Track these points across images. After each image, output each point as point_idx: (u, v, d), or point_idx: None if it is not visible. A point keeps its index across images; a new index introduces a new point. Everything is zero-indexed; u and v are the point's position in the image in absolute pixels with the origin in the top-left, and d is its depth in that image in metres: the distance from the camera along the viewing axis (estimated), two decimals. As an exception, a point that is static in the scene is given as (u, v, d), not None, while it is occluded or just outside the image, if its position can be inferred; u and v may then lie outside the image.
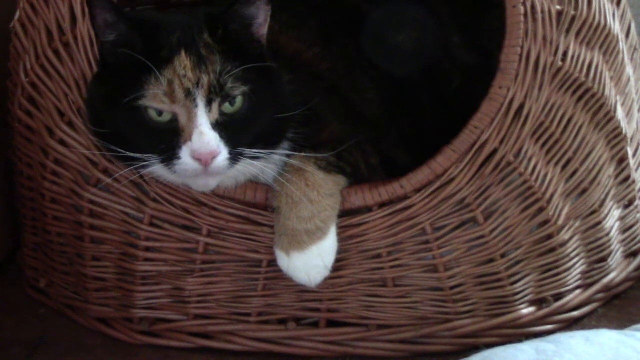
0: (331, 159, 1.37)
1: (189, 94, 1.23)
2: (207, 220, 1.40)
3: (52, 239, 1.53)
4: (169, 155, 1.25)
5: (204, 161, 1.23)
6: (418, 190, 1.38)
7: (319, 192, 1.33)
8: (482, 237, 1.41)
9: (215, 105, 1.25)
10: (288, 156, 1.36)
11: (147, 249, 1.44)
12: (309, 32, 1.56)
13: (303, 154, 1.35)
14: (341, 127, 1.45)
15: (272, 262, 1.40)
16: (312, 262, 1.35)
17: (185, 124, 1.24)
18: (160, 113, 1.24)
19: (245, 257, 1.42)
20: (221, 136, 1.24)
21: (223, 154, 1.24)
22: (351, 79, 1.55)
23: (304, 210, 1.33)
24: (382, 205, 1.39)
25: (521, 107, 1.37)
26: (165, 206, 1.40)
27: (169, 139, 1.25)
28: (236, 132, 1.26)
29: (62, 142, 1.43)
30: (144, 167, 1.28)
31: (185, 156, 1.24)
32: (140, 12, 1.77)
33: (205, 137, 1.23)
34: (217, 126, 1.25)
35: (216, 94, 1.24)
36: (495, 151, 1.37)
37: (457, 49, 1.64)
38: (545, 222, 1.44)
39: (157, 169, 1.28)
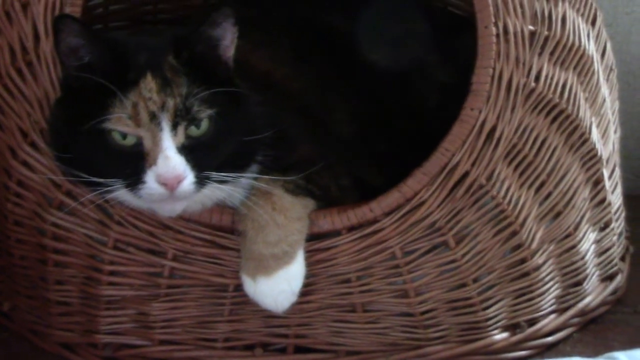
0: (300, 182, 1.34)
1: (154, 117, 1.20)
2: (172, 244, 1.37)
3: (15, 261, 1.50)
4: (134, 179, 1.21)
5: (170, 186, 1.20)
6: (388, 214, 1.35)
7: (286, 215, 1.30)
8: (453, 261, 1.38)
9: (180, 129, 1.21)
10: (256, 179, 1.32)
11: (111, 273, 1.40)
12: (280, 51, 1.53)
13: (270, 177, 1.32)
14: (311, 148, 1.42)
15: (239, 287, 1.37)
16: (279, 287, 1.31)
17: (150, 148, 1.21)
18: (124, 136, 1.21)
19: (211, 282, 1.38)
20: (187, 160, 1.21)
21: (189, 178, 1.21)
22: (323, 98, 1.53)
23: (270, 234, 1.30)
24: (351, 229, 1.36)
25: (493, 129, 1.34)
26: (129, 229, 1.37)
27: (133, 163, 1.21)
28: (202, 156, 1.23)
29: (25, 164, 1.40)
30: (108, 192, 1.24)
31: (150, 181, 1.20)
32: (108, 33, 1.74)
33: (170, 161, 1.20)
34: (183, 150, 1.21)
35: (182, 117, 1.21)
36: (466, 174, 1.34)
37: (433, 67, 1.62)
38: (518, 245, 1.41)
39: (122, 194, 1.25)
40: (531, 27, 1.36)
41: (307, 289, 1.37)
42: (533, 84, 1.36)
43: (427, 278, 1.39)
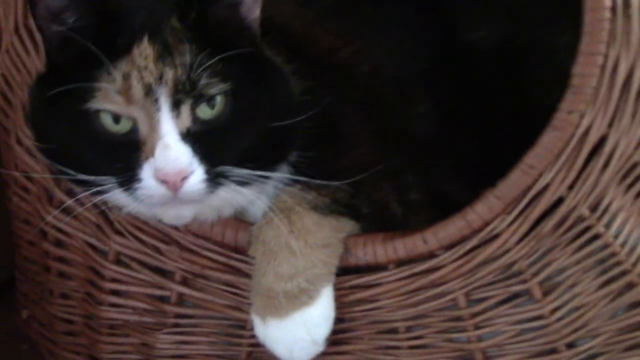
0: (340, 195, 1.02)
1: (149, 91, 0.92)
2: (180, 264, 1.09)
3: (29, 266, 1.27)
4: (129, 177, 0.94)
5: (172, 183, 0.92)
6: (448, 248, 1.00)
7: (307, 241, 0.99)
8: (539, 317, 1.02)
9: (185, 109, 0.93)
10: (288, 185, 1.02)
11: (113, 292, 1.14)
12: (353, 24, 1.21)
13: (307, 180, 1.00)
14: (371, 153, 1.09)
15: (260, 325, 1.07)
16: (294, 333, 1.01)
17: (147, 134, 0.93)
18: (116, 120, 0.94)
19: (227, 315, 1.10)
20: (195, 150, 0.92)
21: (197, 174, 0.92)
22: (401, 86, 1.19)
23: (283, 264, 0.99)
24: (399, 263, 1.02)
25: (602, 140, 0.96)
26: (131, 241, 1.10)
27: (127, 156, 0.94)
28: (216, 145, 0.94)
29: (29, 151, 1.16)
30: (100, 192, 0.97)
31: (147, 177, 0.93)
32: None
33: (171, 151, 0.92)
34: (189, 137, 0.93)
35: (185, 93, 0.92)
36: (560, 201, 0.97)
37: (563, 52, 1.23)
38: (637, 303, 1.01)
39: (117, 196, 0.98)
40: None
41: (342, 337, 1.06)
42: (667, 80, 0.96)
43: (500, 337, 1.03)
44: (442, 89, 1.20)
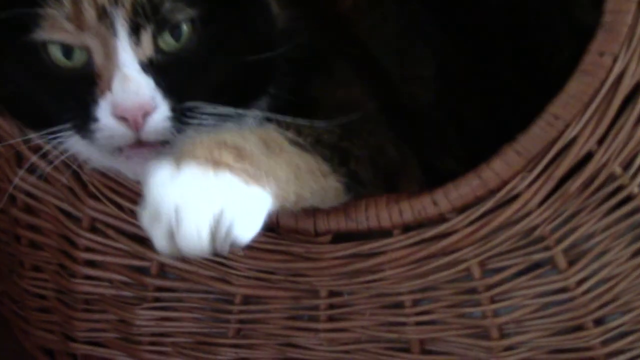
0: (325, 136, 0.88)
1: (104, 15, 0.80)
2: (161, 230, 0.97)
3: (0, 235, 1.16)
4: (84, 117, 0.83)
5: (132, 121, 0.81)
6: (461, 211, 0.88)
7: (274, 146, 0.81)
8: (563, 290, 0.90)
9: (146, 36, 0.81)
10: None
11: (88, 263, 1.03)
12: None
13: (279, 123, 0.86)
14: (367, 96, 0.97)
15: (249, 299, 0.96)
16: (208, 194, 0.74)
17: (103, 66, 0.82)
18: (68, 53, 0.82)
19: (212, 287, 0.98)
20: (158, 83, 0.81)
21: (161, 110, 0.81)
22: (403, 47, 1.06)
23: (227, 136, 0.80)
24: (406, 228, 0.90)
25: (637, 87, 0.84)
26: (107, 206, 0.99)
27: (82, 93, 0.83)
28: (183, 79, 0.83)
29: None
30: (56, 139, 0.86)
31: (104, 116, 0.82)
32: None
33: (130, 82, 0.80)
34: (152, 68, 0.82)
35: (146, 16, 0.81)
36: (589, 157, 0.85)
37: (580, 5, 1.11)
38: (675, 274, 0.90)
39: (75, 142, 0.87)
40: None
41: (340, 312, 0.94)
42: None
43: (519, 312, 0.91)
44: (449, 50, 1.07)
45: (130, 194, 0.97)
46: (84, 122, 0.83)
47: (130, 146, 0.83)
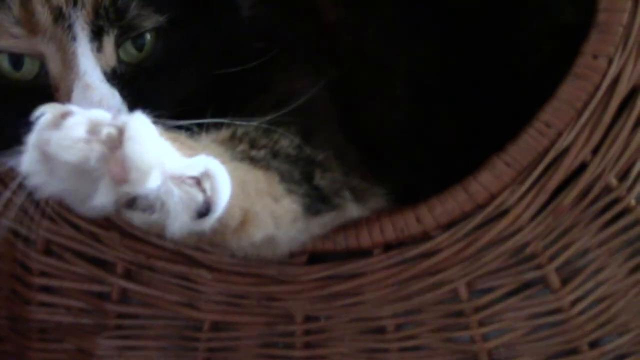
0: (282, 144, 0.78)
1: (60, 16, 0.72)
2: (122, 253, 0.90)
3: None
4: None
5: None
6: (446, 228, 0.82)
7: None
8: (557, 311, 0.84)
9: (108, 42, 0.74)
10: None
11: (43, 289, 0.95)
12: None
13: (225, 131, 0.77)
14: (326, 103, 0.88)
15: (219, 325, 0.89)
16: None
17: (59, 76, 0.73)
18: (17, 63, 0.74)
19: (178, 313, 0.91)
20: (123, 96, 0.74)
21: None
22: (381, 61, 0.99)
23: None
24: (387, 247, 0.84)
25: (634, 91, 0.78)
26: (63, 227, 0.91)
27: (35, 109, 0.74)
28: (148, 91, 0.76)
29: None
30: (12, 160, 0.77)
31: None
32: None
33: (93, 92, 0.72)
34: (116, 79, 0.74)
35: (109, 21, 0.73)
36: (583, 166, 0.79)
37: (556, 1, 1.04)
38: (675, 292, 0.84)
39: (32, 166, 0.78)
40: None
41: (319, 338, 0.88)
42: None
43: (510, 336, 0.85)
44: (423, 62, 1.00)
45: (88, 214, 0.90)
46: None
47: None
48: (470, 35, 0.99)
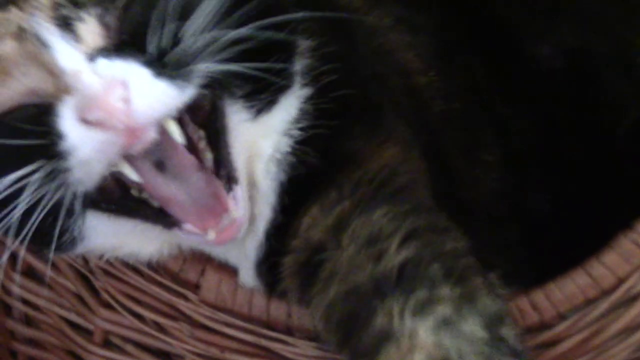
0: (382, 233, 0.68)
1: (22, 36, 0.64)
2: (191, 345, 0.81)
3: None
4: (45, 156, 0.63)
5: (109, 111, 0.61)
6: (568, 315, 0.73)
7: None
8: None
9: (85, 27, 0.64)
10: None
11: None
12: (423, 43, 0.91)
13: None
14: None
15: None
16: None
17: (47, 91, 0.63)
18: None
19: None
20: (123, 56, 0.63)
21: (140, 73, 0.62)
22: (469, 124, 0.90)
23: None
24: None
25: None
26: (125, 316, 0.82)
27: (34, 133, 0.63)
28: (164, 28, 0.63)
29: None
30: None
31: (70, 130, 0.62)
32: None
33: (84, 73, 0.62)
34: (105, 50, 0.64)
35: (77, 5, 0.64)
36: None
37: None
38: None
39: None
40: None
41: None
42: None
43: None
44: (513, 128, 0.92)
45: (152, 302, 0.82)
46: (48, 161, 0.62)
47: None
48: (556, 99, 0.91)
